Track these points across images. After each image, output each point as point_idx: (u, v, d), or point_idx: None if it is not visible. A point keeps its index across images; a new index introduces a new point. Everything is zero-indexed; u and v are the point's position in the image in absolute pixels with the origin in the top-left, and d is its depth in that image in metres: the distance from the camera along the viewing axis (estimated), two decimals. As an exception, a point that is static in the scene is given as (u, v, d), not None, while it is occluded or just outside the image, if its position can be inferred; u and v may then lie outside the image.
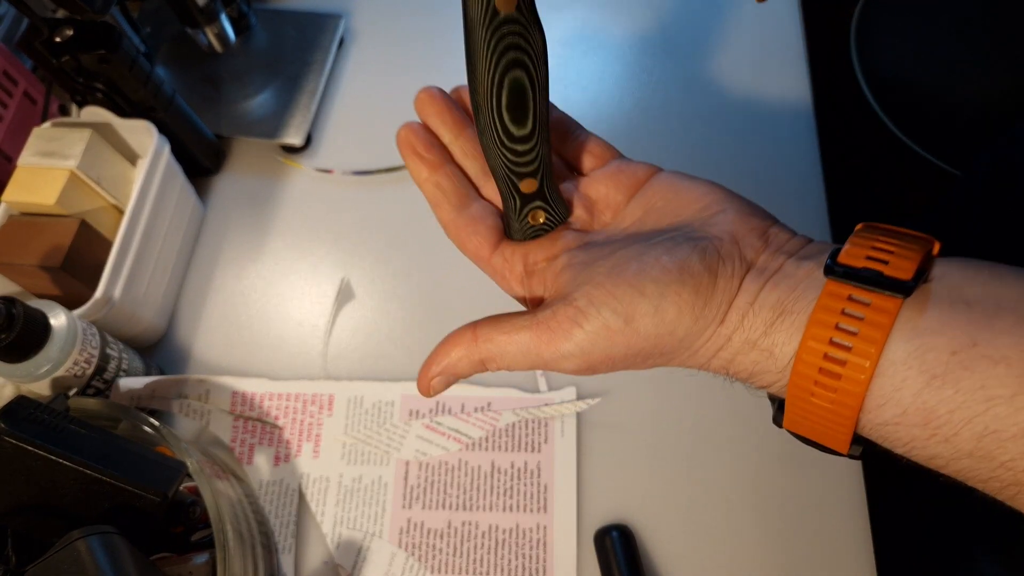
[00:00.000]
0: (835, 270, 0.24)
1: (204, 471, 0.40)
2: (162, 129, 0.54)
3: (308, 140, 0.63)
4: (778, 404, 0.27)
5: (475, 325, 0.29)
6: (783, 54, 0.65)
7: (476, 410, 0.51)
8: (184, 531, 0.43)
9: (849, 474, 0.48)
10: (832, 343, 0.23)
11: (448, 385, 0.30)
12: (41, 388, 0.44)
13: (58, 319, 0.44)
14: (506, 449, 0.50)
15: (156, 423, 0.42)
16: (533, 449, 0.50)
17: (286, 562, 0.48)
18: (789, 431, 0.27)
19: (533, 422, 0.51)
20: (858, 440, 0.25)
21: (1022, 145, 0.57)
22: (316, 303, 0.57)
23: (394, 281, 0.58)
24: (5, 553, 0.36)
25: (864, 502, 0.47)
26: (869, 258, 0.23)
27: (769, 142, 0.61)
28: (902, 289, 0.23)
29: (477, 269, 0.62)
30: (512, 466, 0.50)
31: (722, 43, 0.67)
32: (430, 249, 0.58)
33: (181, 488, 0.40)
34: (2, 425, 0.35)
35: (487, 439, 0.51)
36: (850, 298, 0.23)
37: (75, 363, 0.44)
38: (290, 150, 0.64)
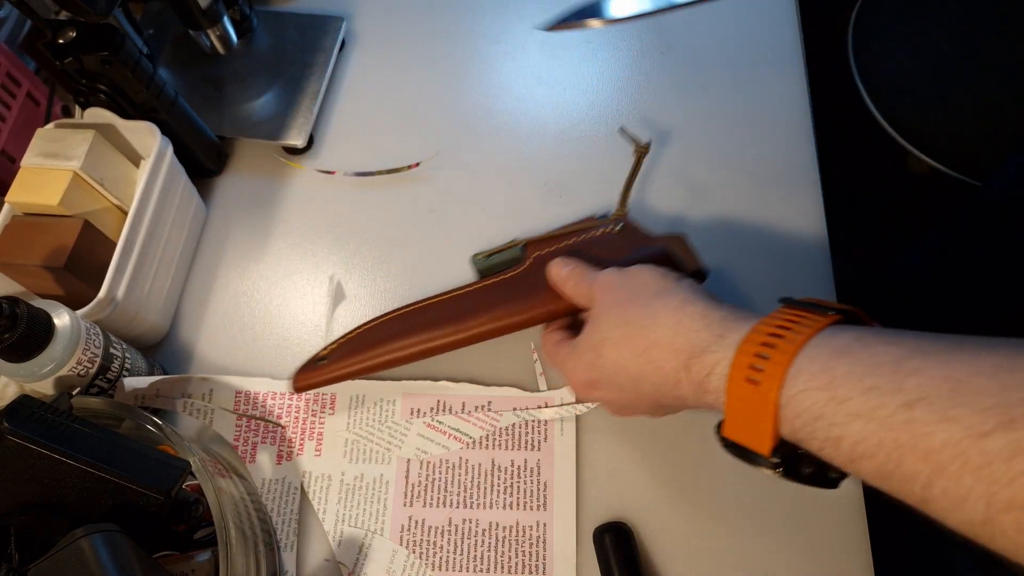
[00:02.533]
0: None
1: (207, 469, 0.41)
2: (165, 130, 0.54)
3: (310, 141, 0.64)
4: (718, 424, 0.34)
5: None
6: (780, 57, 0.66)
7: (476, 409, 0.51)
8: (187, 529, 0.43)
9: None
10: (757, 353, 0.31)
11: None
12: (44, 387, 0.45)
13: (61, 319, 0.44)
14: (506, 447, 0.50)
15: (159, 422, 0.42)
16: (533, 447, 0.50)
17: (288, 560, 0.48)
18: (726, 442, 0.33)
19: (533, 420, 0.51)
20: (779, 450, 0.31)
21: None
22: (318, 303, 0.57)
23: (396, 281, 0.58)
24: (8, 552, 0.36)
25: (862, 501, 0.48)
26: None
27: (766, 146, 0.61)
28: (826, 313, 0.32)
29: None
30: (512, 464, 0.50)
31: (719, 47, 0.67)
32: (431, 250, 0.58)
33: (184, 486, 0.40)
34: (5, 424, 0.35)
35: (487, 437, 0.51)
36: (777, 324, 0.32)
37: (78, 363, 0.44)
38: (292, 151, 0.64)
